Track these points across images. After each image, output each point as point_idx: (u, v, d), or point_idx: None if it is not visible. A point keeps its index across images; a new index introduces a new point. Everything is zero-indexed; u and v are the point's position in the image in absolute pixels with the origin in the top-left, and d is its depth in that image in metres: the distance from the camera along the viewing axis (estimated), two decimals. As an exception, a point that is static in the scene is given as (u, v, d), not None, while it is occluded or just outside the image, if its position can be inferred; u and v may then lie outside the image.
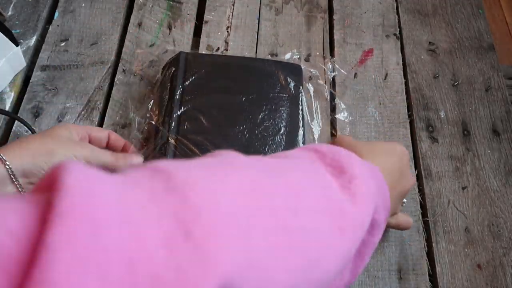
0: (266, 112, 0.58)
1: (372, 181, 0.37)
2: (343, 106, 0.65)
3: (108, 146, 0.54)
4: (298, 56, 0.69)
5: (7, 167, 0.45)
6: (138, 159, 0.52)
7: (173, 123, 0.55)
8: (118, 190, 0.23)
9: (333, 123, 0.64)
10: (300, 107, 0.60)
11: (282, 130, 0.57)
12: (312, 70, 0.67)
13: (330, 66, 0.68)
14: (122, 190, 0.23)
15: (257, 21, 0.72)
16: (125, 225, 0.21)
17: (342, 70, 0.68)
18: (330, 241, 0.31)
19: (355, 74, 0.68)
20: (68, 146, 0.48)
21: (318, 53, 0.69)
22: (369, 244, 0.37)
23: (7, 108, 0.62)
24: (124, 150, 0.54)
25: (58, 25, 0.69)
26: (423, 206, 0.59)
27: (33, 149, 0.46)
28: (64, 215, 0.20)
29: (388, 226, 0.52)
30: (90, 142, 0.52)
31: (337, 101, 0.65)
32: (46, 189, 0.23)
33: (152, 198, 0.24)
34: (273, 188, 0.30)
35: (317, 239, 0.30)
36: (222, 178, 0.27)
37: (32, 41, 0.67)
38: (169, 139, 0.54)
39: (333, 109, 0.65)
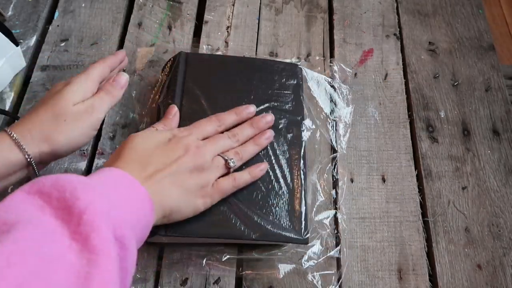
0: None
1: (106, 199, 0.35)
2: (343, 106, 0.65)
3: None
4: (298, 56, 0.69)
5: None
6: (124, 77, 0.52)
7: (173, 123, 0.55)
8: None
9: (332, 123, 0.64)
10: (300, 107, 0.60)
11: (283, 130, 0.57)
12: (312, 70, 0.67)
13: (330, 66, 0.68)
14: None
15: (257, 21, 0.72)
16: None
17: (342, 70, 0.68)
18: None
19: (355, 74, 0.68)
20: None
21: (318, 53, 0.69)
22: (125, 269, 0.34)
23: (7, 108, 0.62)
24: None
25: (58, 25, 0.69)
26: (423, 206, 0.59)
27: None
28: None
29: None
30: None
31: (337, 101, 0.65)
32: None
33: None
34: None
35: None
36: None
37: (32, 41, 0.67)
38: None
39: (332, 109, 0.65)
